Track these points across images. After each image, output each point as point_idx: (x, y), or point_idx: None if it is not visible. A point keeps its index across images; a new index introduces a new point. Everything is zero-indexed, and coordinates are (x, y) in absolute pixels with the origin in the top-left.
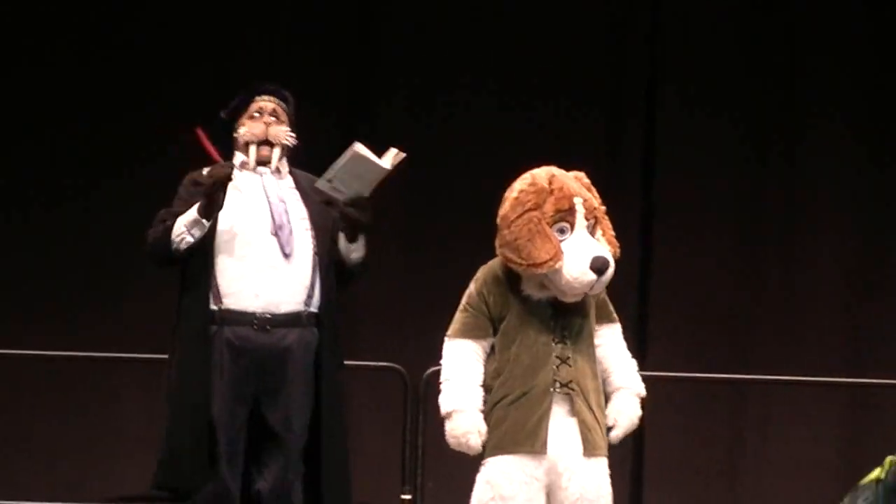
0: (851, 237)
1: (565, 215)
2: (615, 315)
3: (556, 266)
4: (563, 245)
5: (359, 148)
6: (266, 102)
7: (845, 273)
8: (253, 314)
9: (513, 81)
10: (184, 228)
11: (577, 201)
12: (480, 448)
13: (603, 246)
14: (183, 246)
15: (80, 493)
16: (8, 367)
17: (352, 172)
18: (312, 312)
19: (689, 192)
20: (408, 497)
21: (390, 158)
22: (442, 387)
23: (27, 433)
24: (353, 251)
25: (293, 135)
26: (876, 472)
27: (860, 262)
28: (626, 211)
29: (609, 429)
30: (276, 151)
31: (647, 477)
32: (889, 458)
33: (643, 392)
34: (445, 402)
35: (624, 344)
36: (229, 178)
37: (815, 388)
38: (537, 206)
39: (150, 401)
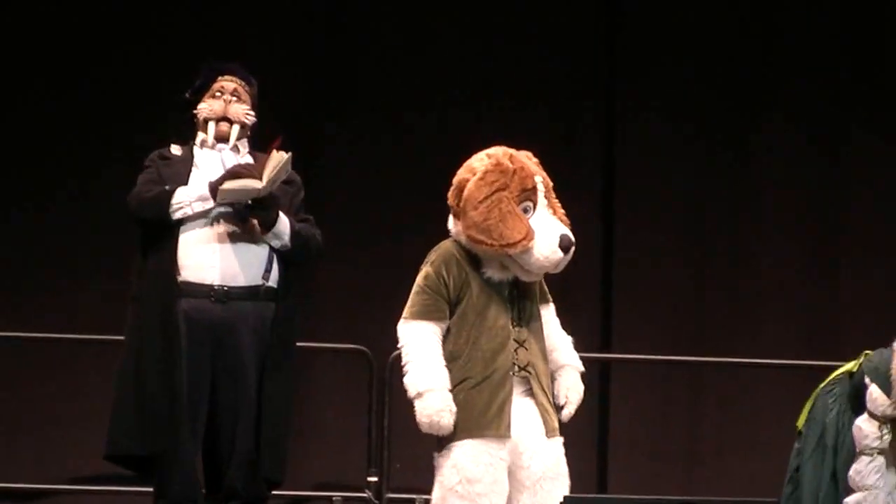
0: (808, 223)
1: (530, 194)
2: (549, 295)
3: (529, 245)
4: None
5: (226, 185)
6: (228, 82)
7: (803, 257)
8: (210, 286)
9: (468, 71)
10: (186, 200)
11: (538, 180)
12: (452, 427)
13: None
14: (178, 215)
15: (36, 472)
16: None
17: (234, 197)
18: (271, 287)
19: (649, 177)
20: (374, 479)
21: (268, 170)
22: (407, 368)
23: None
24: (271, 240)
25: (252, 113)
26: (850, 365)
27: (816, 247)
28: (586, 195)
29: (560, 407)
30: (235, 128)
31: (611, 458)
32: (866, 352)
33: (583, 368)
34: (415, 383)
35: (559, 321)
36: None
37: (773, 371)
38: (505, 186)
39: (107, 381)
